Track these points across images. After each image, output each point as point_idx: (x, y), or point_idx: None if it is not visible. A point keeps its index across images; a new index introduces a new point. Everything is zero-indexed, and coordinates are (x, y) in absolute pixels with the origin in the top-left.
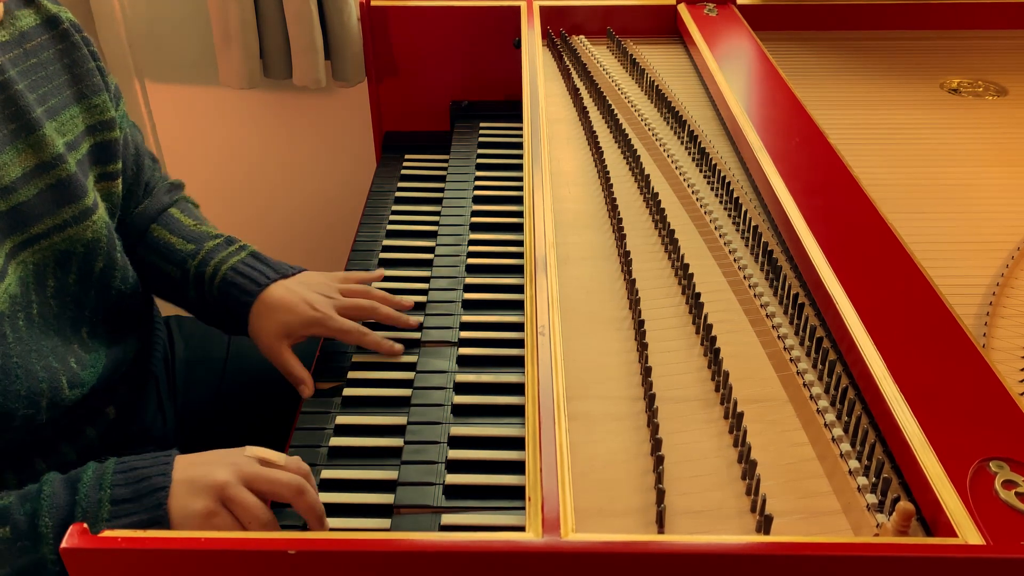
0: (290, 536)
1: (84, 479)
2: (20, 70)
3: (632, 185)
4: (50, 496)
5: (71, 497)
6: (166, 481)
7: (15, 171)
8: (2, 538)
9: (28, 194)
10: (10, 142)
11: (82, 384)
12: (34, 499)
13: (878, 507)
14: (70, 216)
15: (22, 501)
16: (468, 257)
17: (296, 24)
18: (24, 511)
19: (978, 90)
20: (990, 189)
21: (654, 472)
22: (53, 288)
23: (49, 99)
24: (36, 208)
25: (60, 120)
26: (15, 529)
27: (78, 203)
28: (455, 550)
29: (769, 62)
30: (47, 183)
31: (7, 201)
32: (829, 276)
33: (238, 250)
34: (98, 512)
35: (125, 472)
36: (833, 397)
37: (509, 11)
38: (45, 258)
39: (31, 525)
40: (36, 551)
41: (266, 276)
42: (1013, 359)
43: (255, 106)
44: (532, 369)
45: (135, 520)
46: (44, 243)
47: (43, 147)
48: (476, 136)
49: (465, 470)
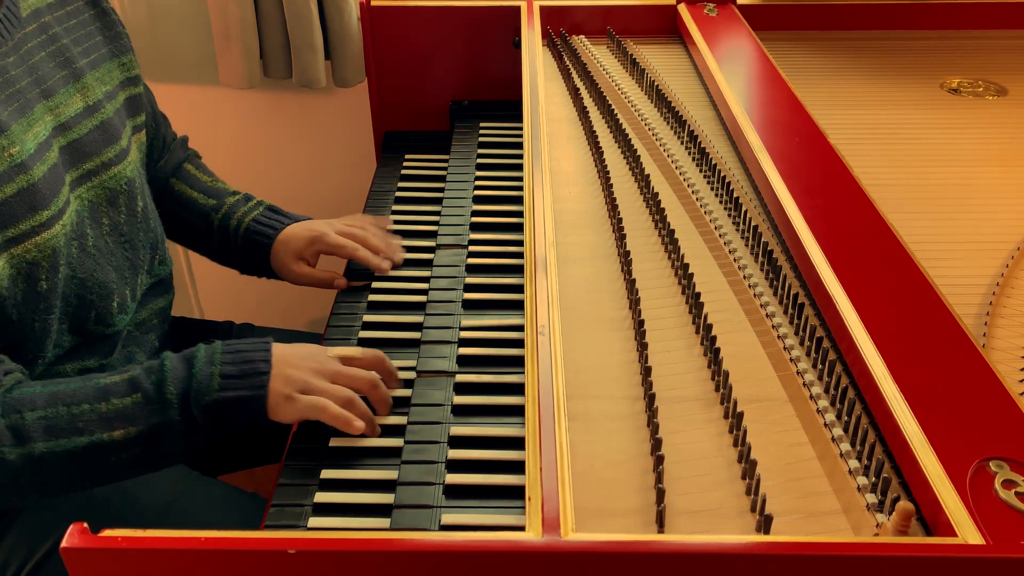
0: (290, 536)
1: (198, 356)
2: (64, 27)
3: (632, 185)
4: (171, 369)
5: (188, 371)
6: (267, 367)
7: (71, 110)
8: (136, 402)
9: (81, 132)
10: (64, 85)
11: (127, 311)
12: (158, 371)
13: (878, 507)
14: (113, 156)
15: (148, 373)
16: (468, 257)
17: (296, 24)
18: (151, 381)
19: (978, 90)
20: (990, 189)
21: (654, 472)
22: (108, 226)
23: (90, 53)
24: (87, 146)
25: (100, 72)
26: (145, 395)
27: (116, 145)
28: (455, 550)
29: (769, 62)
30: (94, 124)
31: (66, 136)
32: (829, 276)
33: (256, 205)
34: (210, 384)
35: (232, 353)
36: (833, 397)
37: (509, 11)
38: (98, 196)
39: (159, 392)
40: (165, 414)
41: (281, 223)
42: (1013, 359)
43: (255, 106)
44: (532, 369)
45: (241, 395)
46: (95, 180)
47: (89, 92)
48: (476, 136)
49: (465, 470)
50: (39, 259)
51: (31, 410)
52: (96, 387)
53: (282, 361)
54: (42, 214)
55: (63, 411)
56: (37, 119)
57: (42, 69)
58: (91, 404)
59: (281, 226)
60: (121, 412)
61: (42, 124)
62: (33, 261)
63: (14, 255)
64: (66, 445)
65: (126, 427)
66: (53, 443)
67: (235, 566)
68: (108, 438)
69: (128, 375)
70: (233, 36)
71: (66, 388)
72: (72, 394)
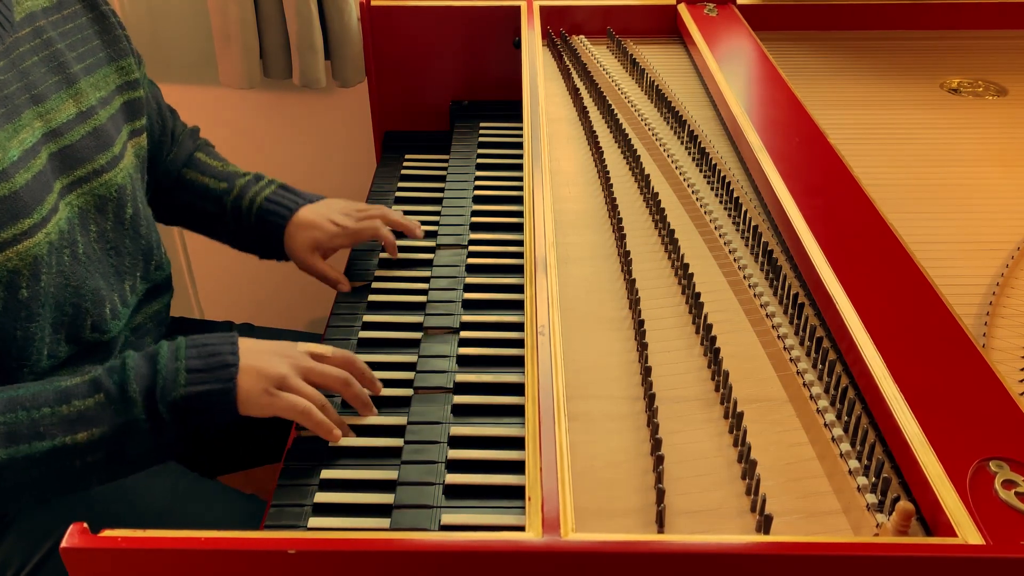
0: (290, 536)
1: (161, 352)
2: (60, 32)
3: (632, 185)
4: (134, 368)
5: (152, 368)
6: (235, 360)
7: (62, 116)
8: (99, 403)
9: (72, 139)
10: (55, 91)
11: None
12: (120, 371)
13: (878, 507)
14: (104, 163)
15: (109, 373)
16: (468, 257)
17: (296, 24)
18: (113, 381)
19: (978, 90)
20: (990, 189)
21: (654, 472)
22: (96, 233)
23: (85, 58)
24: (79, 152)
25: (95, 77)
26: (108, 395)
27: (108, 151)
28: (455, 550)
29: (769, 62)
30: (86, 130)
31: (57, 143)
32: (829, 276)
33: (268, 183)
34: (176, 379)
35: (197, 347)
36: (833, 397)
37: (509, 11)
38: (87, 203)
39: (121, 391)
40: (129, 413)
41: (295, 202)
42: (1013, 359)
43: (255, 106)
44: (532, 369)
45: (209, 389)
46: (86, 187)
47: (82, 98)
48: (476, 136)
49: (465, 470)
50: (20, 267)
51: None
52: (56, 390)
53: (250, 353)
54: (23, 222)
55: (23, 416)
56: (25, 125)
57: (33, 74)
58: (52, 408)
59: (295, 205)
60: (83, 414)
61: (30, 130)
62: (14, 269)
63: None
64: (27, 451)
65: (89, 429)
66: (13, 449)
67: (235, 566)
68: (71, 441)
69: (89, 376)
70: (233, 36)
71: (25, 392)
72: (32, 398)
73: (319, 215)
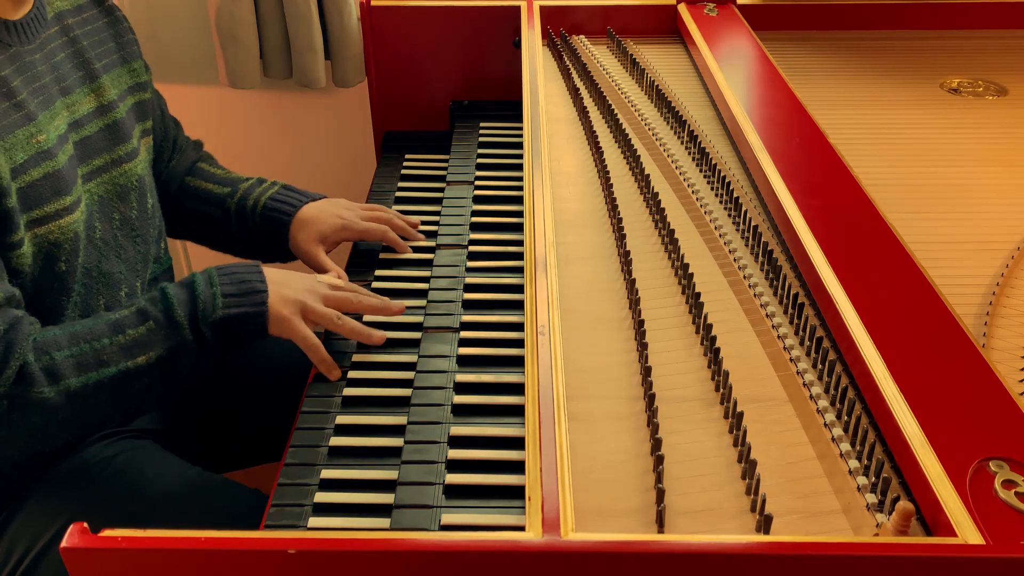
0: (290, 536)
1: (197, 281)
2: (83, 31)
3: (632, 185)
4: (174, 296)
5: (191, 294)
6: (263, 286)
7: (84, 109)
8: (149, 329)
9: (92, 130)
10: (79, 85)
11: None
12: (162, 299)
13: (878, 507)
14: (123, 154)
15: (153, 302)
16: (468, 257)
17: (296, 24)
18: (159, 309)
19: (978, 90)
20: (990, 189)
21: (654, 472)
22: (118, 220)
23: (103, 58)
24: (98, 143)
25: (112, 75)
26: (156, 322)
27: (127, 144)
28: (455, 550)
29: (769, 62)
30: (105, 123)
31: (79, 133)
32: (829, 276)
33: (271, 185)
34: (214, 303)
35: (228, 275)
36: (833, 397)
37: (509, 11)
38: (108, 191)
39: (168, 317)
40: (178, 335)
41: (299, 200)
42: (1013, 359)
43: (255, 106)
44: (532, 369)
45: (244, 312)
46: (105, 176)
47: (103, 93)
48: (476, 136)
49: (465, 470)
50: (61, 241)
51: (58, 350)
52: (108, 322)
53: (275, 281)
54: (65, 199)
55: (86, 348)
56: (57, 113)
57: (62, 68)
58: (109, 338)
59: (299, 203)
60: (137, 341)
61: (61, 118)
62: (55, 242)
63: (38, 235)
64: (96, 377)
65: (147, 353)
66: (84, 377)
67: (235, 566)
68: (132, 365)
69: (135, 308)
70: (233, 36)
71: (82, 328)
72: (89, 331)
73: (323, 211)
